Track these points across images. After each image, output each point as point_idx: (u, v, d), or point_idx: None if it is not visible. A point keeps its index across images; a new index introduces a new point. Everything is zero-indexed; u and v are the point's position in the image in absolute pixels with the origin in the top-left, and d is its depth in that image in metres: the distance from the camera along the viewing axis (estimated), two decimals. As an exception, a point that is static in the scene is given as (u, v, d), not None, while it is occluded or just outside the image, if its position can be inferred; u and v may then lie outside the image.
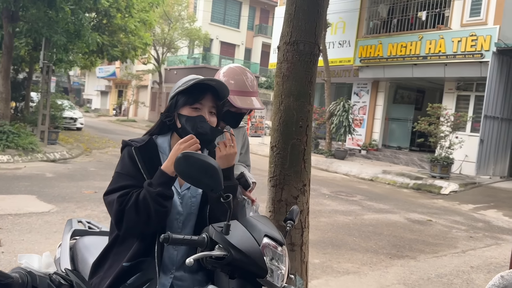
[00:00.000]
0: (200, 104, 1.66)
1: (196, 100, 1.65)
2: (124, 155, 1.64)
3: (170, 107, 1.68)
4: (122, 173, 1.60)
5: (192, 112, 1.65)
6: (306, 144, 2.35)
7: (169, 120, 1.68)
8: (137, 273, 1.55)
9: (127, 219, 1.50)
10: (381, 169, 13.63)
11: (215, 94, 1.69)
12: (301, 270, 2.36)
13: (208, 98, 1.67)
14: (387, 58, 15.13)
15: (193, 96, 1.64)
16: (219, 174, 1.34)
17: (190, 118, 1.64)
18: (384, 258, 5.44)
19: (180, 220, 1.65)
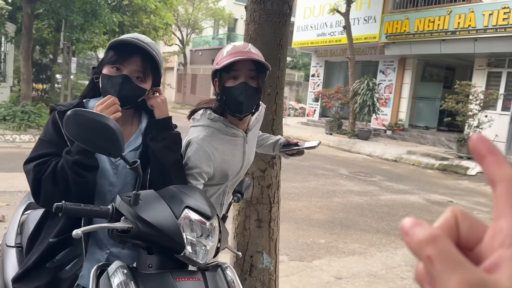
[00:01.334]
0: (122, 66, 1.48)
1: (117, 61, 1.48)
2: (49, 121, 1.51)
3: (101, 63, 1.53)
4: (45, 140, 1.47)
5: (113, 72, 1.49)
6: (276, 113, 2.17)
7: (96, 77, 1.54)
8: (66, 248, 1.44)
9: (44, 190, 1.37)
10: (406, 150, 13.19)
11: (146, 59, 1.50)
12: (269, 247, 2.21)
13: (134, 61, 1.49)
14: (414, 34, 14.47)
15: (118, 55, 1.48)
16: (117, 135, 1.18)
17: (110, 77, 1.48)
18: (395, 239, 5.22)
19: (113, 192, 1.51)
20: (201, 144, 1.68)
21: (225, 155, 1.74)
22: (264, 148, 2.10)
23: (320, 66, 20.20)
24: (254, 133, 1.92)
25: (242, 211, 2.23)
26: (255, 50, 1.71)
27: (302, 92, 27.58)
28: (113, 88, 1.47)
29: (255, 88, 1.67)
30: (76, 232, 1.08)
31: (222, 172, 1.75)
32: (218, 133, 1.73)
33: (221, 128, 1.73)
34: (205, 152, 1.67)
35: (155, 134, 1.53)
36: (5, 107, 11.33)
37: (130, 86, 1.49)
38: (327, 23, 18.26)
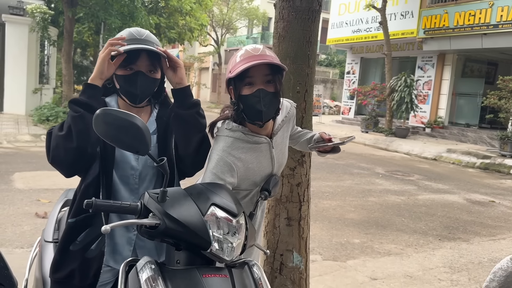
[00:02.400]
0: (135, 65, 1.57)
1: (129, 62, 1.56)
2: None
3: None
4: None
5: (128, 72, 1.57)
6: (305, 111, 2.15)
7: (108, 83, 1.61)
8: (86, 229, 1.49)
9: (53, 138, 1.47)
10: (446, 148, 12.79)
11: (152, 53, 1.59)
12: (299, 246, 2.19)
13: (143, 58, 1.57)
14: (453, 29, 13.99)
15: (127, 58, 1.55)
16: (144, 133, 1.21)
17: (126, 76, 1.56)
18: (433, 240, 5.07)
19: (135, 175, 1.59)
20: (221, 155, 1.62)
21: (249, 164, 1.67)
22: (300, 144, 2.03)
23: (356, 63, 19.89)
24: (282, 135, 1.83)
25: (271, 209, 2.23)
26: (269, 52, 1.63)
27: (337, 90, 27.25)
28: (133, 86, 1.56)
29: (273, 93, 1.60)
30: (105, 228, 1.11)
31: (249, 181, 1.70)
32: (239, 142, 1.66)
33: (241, 137, 1.66)
34: (226, 163, 1.61)
35: (182, 101, 1.59)
36: (48, 108, 11.82)
37: (147, 80, 1.58)
38: (362, 19, 17.95)
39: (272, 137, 1.75)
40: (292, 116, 1.88)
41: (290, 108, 1.86)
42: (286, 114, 1.81)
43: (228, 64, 1.69)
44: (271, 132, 1.75)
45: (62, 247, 1.52)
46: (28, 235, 4.21)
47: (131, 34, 1.59)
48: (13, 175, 6.52)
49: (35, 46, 13.72)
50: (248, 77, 1.56)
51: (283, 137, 1.84)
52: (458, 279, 4.00)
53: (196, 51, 33.10)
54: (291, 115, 1.86)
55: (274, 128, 1.75)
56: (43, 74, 15.12)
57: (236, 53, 1.65)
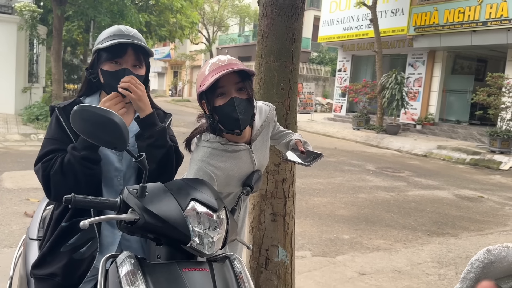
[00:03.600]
0: (121, 59, 1.57)
1: (116, 55, 1.56)
2: (51, 120, 1.59)
3: (93, 63, 1.61)
4: (49, 138, 1.55)
5: (114, 67, 1.57)
6: (289, 107, 2.16)
7: (93, 77, 1.60)
8: (78, 232, 1.49)
9: (54, 184, 1.44)
10: (436, 144, 12.89)
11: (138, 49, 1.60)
12: (284, 241, 2.20)
13: (130, 53, 1.58)
14: (443, 26, 14.08)
15: (113, 51, 1.56)
16: (122, 129, 1.21)
17: (112, 72, 1.56)
18: (422, 235, 5.11)
19: (119, 176, 1.59)
20: (200, 165, 1.62)
21: (229, 171, 1.68)
22: (280, 146, 2.04)
23: (347, 60, 19.95)
24: (262, 139, 1.83)
25: (257, 205, 2.24)
26: (235, 61, 1.61)
27: (329, 88, 27.33)
28: (118, 82, 1.54)
29: (247, 99, 1.60)
30: (83, 223, 1.12)
31: (229, 186, 1.71)
32: (217, 151, 1.66)
33: (220, 147, 1.66)
34: (205, 172, 1.61)
35: (140, 133, 1.58)
36: (38, 107, 11.73)
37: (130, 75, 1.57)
38: (353, 16, 18.01)
39: (251, 143, 1.75)
40: (272, 119, 1.88)
41: (269, 112, 1.85)
42: (265, 118, 1.81)
43: (197, 79, 1.67)
44: (249, 138, 1.75)
45: (51, 247, 1.52)
46: (17, 234, 4.19)
47: (120, 30, 1.61)
48: (2, 174, 6.48)
49: (24, 45, 13.60)
50: (220, 87, 1.56)
51: (263, 140, 1.84)
52: (446, 273, 4.05)
53: (188, 49, 33.00)
54: (270, 119, 1.86)
55: (252, 134, 1.75)
56: (33, 73, 15.00)
57: (203, 68, 1.63)
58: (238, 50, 31.03)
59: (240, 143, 1.70)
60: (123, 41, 1.54)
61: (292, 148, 1.89)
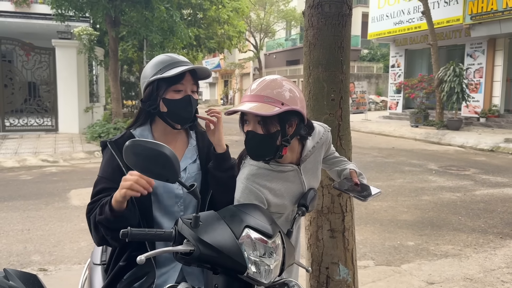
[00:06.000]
0: (182, 85, 1.59)
1: (179, 82, 1.58)
2: (103, 157, 1.61)
3: (151, 94, 1.60)
4: (101, 176, 1.57)
5: (177, 95, 1.58)
6: (341, 118, 2.07)
7: (153, 108, 1.61)
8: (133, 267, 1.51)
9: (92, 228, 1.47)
10: (503, 138, 12.09)
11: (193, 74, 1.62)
12: (345, 258, 2.11)
13: (188, 78, 1.60)
14: (503, 12, 13.21)
15: (175, 79, 1.57)
16: (173, 162, 1.21)
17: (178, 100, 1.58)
18: (494, 239, 4.78)
19: (180, 202, 1.61)
20: (246, 183, 1.60)
21: (277, 191, 1.63)
22: (332, 172, 1.96)
23: (400, 55, 19.29)
24: (315, 160, 1.76)
25: (313, 221, 2.17)
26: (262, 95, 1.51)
27: (383, 85, 26.54)
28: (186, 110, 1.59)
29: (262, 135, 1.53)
30: (140, 258, 1.12)
31: (279, 206, 1.66)
32: (263, 170, 1.63)
33: (265, 166, 1.63)
34: (251, 191, 1.58)
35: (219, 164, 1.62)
36: (100, 125, 12.34)
37: (195, 103, 1.62)
38: (404, 10, 17.41)
39: (300, 163, 1.70)
40: (325, 141, 1.81)
41: (323, 133, 1.79)
42: (318, 139, 1.75)
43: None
44: (299, 158, 1.70)
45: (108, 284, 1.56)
46: (85, 251, 4.39)
47: (172, 58, 1.62)
48: (70, 192, 6.85)
49: (84, 67, 14.39)
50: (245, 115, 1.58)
51: (315, 161, 1.77)
52: (525, 280, 3.74)
53: (236, 58, 33.45)
54: (324, 140, 1.79)
55: (303, 155, 1.70)
56: (93, 93, 15.82)
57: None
58: (286, 54, 30.99)
59: (287, 164, 1.66)
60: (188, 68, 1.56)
61: (345, 178, 1.82)
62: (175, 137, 1.69)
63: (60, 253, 4.34)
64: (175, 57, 1.63)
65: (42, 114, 13.86)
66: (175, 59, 1.61)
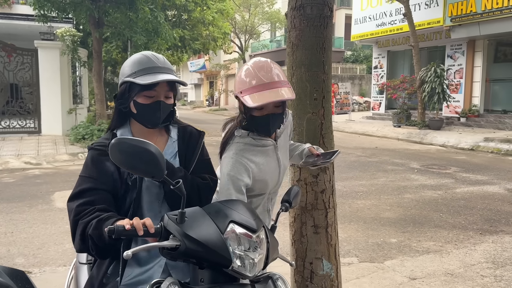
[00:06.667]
0: (155, 92, 1.59)
1: (151, 89, 1.57)
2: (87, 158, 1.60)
3: (123, 94, 1.61)
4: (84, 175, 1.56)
5: (147, 100, 1.59)
6: (324, 117, 2.13)
7: (124, 107, 1.62)
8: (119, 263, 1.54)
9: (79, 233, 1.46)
10: (483, 137, 12.36)
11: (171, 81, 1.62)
12: (328, 253, 2.17)
13: (163, 85, 1.60)
14: (481, 14, 13.53)
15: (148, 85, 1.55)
16: (158, 159, 1.24)
17: (146, 105, 1.59)
18: (473, 235, 4.91)
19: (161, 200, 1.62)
20: (235, 158, 1.78)
21: (261, 165, 1.82)
22: (293, 158, 2.14)
23: (383, 57, 19.55)
24: (284, 139, 1.99)
25: (297, 217, 2.22)
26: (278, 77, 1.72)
27: (366, 86, 26.85)
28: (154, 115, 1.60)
29: (280, 114, 1.79)
30: (126, 253, 1.15)
31: (261, 182, 1.84)
32: (249, 146, 1.83)
33: (251, 142, 1.83)
34: (240, 163, 1.77)
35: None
36: (84, 127, 12.23)
37: (165, 108, 1.63)
38: (386, 12, 17.66)
39: (276, 140, 1.92)
40: (290, 121, 2.05)
41: (289, 114, 2.03)
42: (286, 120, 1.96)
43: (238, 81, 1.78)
44: (275, 136, 1.92)
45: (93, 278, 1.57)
46: (70, 253, 4.37)
47: (150, 61, 1.60)
48: (53, 194, 6.79)
49: (67, 68, 14.24)
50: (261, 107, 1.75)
51: (285, 140, 2.01)
52: (502, 274, 3.86)
53: (222, 59, 33.46)
54: (289, 120, 2.04)
55: (277, 132, 1.92)
56: (76, 94, 15.66)
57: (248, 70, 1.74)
58: (271, 55, 31.10)
59: (267, 139, 1.88)
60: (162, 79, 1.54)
61: (307, 156, 2.03)
62: (154, 134, 1.70)
63: (45, 255, 4.31)
64: (153, 60, 1.61)
65: (24, 116, 13.68)
66: (152, 63, 1.59)
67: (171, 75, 1.60)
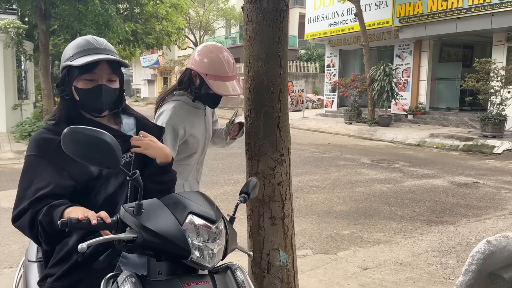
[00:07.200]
0: (95, 75, 1.52)
1: (90, 71, 1.50)
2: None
3: (64, 80, 1.54)
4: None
5: (88, 84, 1.51)
6: (281, 110, 2.17)
7: (66, 94, 1.54)
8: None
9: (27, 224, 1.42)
10: (429, 133, 12.97)
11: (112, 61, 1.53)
12: (285, 244, 2.22)
13: (104, 67, 1.52)
14: (427, 15, 14.17)
15: (86, 67, 1.48)
16: (114, 149, 1.21)
17: (87, 90, 1.51)
18: (421, 225, 5.15)
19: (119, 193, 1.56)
20: (172, 110, 2.11)
21: (193, 123, 2.18)
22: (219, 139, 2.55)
23: (335, 55, 20.02)
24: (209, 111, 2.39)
25: (255, 210, 2.25)
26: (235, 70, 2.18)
27: (319, 84, 27.39)
28: (96, 100, 1.52)
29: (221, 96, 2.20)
30: (81, 246, 1.11)
31: (194, 138, 2.19)
32: (185, 104, 2.18)
33: (187, 101, 2.19)
34: (178, 116, 2.10)
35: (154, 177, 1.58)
36: (29, 123, 11.68)
37: (108, 92, 1.54)
38: (338, 12, 18.08)
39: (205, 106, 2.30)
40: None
41: None
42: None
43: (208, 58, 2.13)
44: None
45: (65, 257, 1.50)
46: (17, 254, 4.17)
47: (89, 43, 1.53)
48: (-2, 194, 6.44)
49: (11, 62, 13.53)
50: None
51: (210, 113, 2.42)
52: (447, 262, 4.08)
53: (176, 54, 32.96)
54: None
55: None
56: (22, 89, 14.91)
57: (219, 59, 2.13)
58: (226, 52, 31.00)
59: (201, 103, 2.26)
60: (99, 58, 1.47)
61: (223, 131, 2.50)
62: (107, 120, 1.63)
63: (-11, 257, 4.09)
64: (92, 42, 1.53)
65: (-36, 112, 12.87)
66: (91, 45, 1.52)
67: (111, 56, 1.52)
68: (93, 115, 1.58)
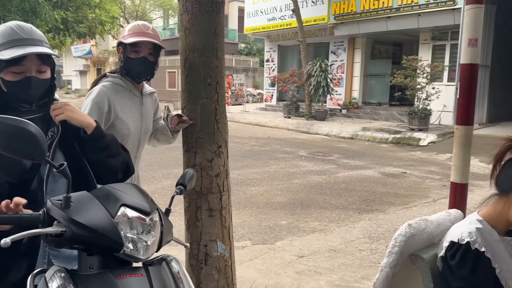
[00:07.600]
0: (23, 67, 1.45)
1: (18, 64, 1.43)
2: None
3: None
4: None
5: (16, 76, 1.45)
6: (218, 102, 2.19)
7: None
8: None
9: None
10: (361, 127, 13.56)
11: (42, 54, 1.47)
12: (222, 235, 2.25)
13: (32, 58, 1.45)
14: (360, 13, 14.77)
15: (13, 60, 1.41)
16: (39, 139, 1.15)
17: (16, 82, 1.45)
18: (353, 214, 5.41)
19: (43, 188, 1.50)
20: (102, 89, 2.07)
21: (124, 107, 2.11)
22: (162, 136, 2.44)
23: (274, 50, 20.29)
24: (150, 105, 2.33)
25: (192, 202, 2.25)
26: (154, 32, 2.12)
27: (259, 78, 27.65)
28: (26, 93, 1.45)
29: (153, 62, 2.12)
30: (4, 241, 1.05)
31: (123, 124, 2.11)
32: (117, 86, 2.13)
33: (120, 83, 2.14)
34: (105, 94, 2.05)
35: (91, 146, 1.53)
36: None
37: (38, 84, 1.48)
38: (276, 7, 18.31)
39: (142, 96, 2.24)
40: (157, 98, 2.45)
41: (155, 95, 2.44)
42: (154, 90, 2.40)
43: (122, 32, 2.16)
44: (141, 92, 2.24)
45: None
46: None
47: (15, 33, 1.44)
48: None
49: None
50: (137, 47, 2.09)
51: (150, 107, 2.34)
52: (377, 247, 4.33)
53: (110, 44, 31.66)
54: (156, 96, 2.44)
55: (143, 91, 2.26)
56: None
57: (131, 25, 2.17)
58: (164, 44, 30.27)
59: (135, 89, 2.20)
60: (26, 52, 1.39)
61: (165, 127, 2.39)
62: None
63: None
64: (17, 31, 1.45)
65: None
66: (16, 35, 1.44)
67: (40, 46, 1.45)
68: (23, 106, 1.51)
